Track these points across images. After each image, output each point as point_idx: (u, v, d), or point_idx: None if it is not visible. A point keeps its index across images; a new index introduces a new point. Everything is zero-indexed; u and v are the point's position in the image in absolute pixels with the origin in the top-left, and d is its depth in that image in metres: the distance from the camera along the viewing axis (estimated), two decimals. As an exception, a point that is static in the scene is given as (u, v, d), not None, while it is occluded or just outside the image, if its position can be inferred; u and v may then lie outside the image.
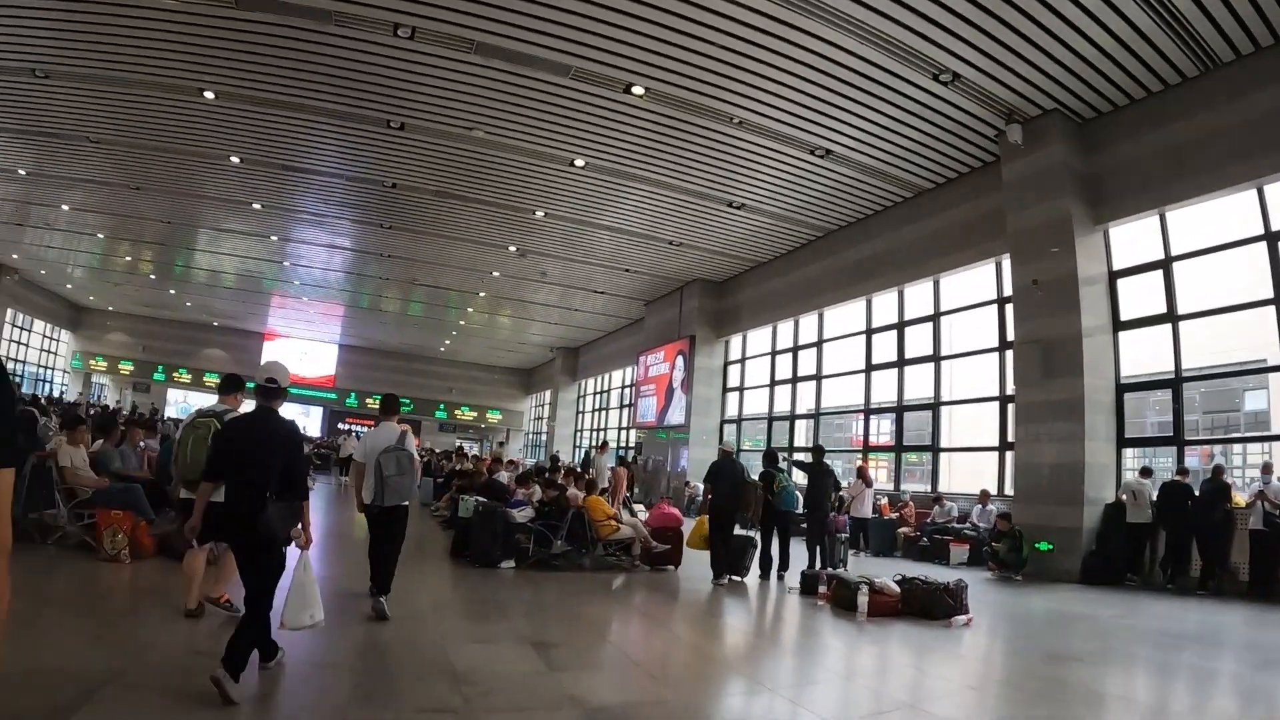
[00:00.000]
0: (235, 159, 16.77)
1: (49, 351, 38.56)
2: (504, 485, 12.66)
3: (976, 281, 15.02)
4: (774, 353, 20.94)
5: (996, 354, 14.10)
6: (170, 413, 36.15)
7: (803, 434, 19.72)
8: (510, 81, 12.37)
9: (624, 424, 30.96)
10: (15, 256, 29.95)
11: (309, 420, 41.51)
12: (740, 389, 22.35)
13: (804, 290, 19.17)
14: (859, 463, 15.70)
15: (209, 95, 13.78)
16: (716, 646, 6.84)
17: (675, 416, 23.02)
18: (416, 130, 14.42)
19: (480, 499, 11.08)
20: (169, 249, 26.69)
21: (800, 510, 11.26)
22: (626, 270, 22.40)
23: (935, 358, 15.49)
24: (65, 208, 22.18)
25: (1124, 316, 11.97)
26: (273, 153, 16.31)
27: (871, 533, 14.30)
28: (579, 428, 37.20)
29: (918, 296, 16.26)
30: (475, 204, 18.02)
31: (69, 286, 35.65)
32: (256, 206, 20.00)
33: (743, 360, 22.45)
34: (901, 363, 16.36)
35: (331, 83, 13.01)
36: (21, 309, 34.79)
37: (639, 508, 13.38)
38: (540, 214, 18.19)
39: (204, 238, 24.64)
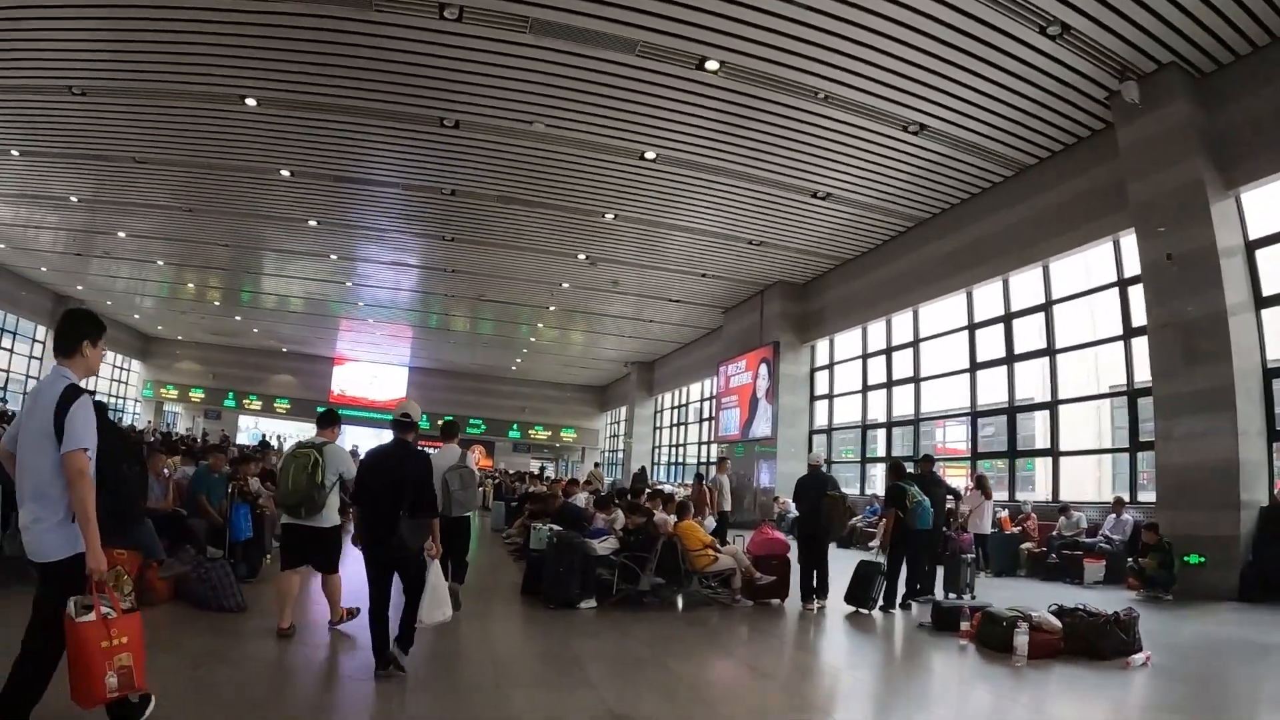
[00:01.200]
0: (285, 172, 16.63)
1: (120, 381, 39.83)
2: (581, 510, 11.73)
3: (1088, 265, 13.87)
4: (865, 356, 19.93)
5: (1121, 342, 12.86)
6: (241, 439, 36.52)
7: (898, 443, 18.66)
8: (570, 64, 11.71)
9: (704, 438, 30.15)
10: (80, 288, 30.77)
11: (380, 442, 41.33)
12: (829, 396, 21.38)
13: (895, 286, 18.15)
14: (977, 471, 14.62)
15: (251, 102, 13.56)
16: (856, 716, 5.65)
17: (760, 428, 22.13)
18: (472, 128, 13.91)
19: (555, 527, 10.31)
20: (233, 274, 27.21)
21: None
22: (703, 275, 21.65)
23: (1049, 351, 14.31)
24: (122, 235, 22.52)
25: (1265, 292, 10.67)
26: (323, 163, 16.08)
27: (992, 550, 13.10)
28: (657, 444, 36.57)
29: (1025, 285, 15.07)
30: (540, 208, 17.50)
31: (136, 317, 36.87)
32: (313, 224, 19.95)
33: (830, 366, 21.48)
34: (1011, 359, 15.20)
35: (377, 79, 12.54)
36: None
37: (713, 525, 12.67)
38: (610, 216, 17.60)
39: (267, 261, 25.00)
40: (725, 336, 25.78)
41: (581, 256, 20.68)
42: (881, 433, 19.22)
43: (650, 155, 14.43)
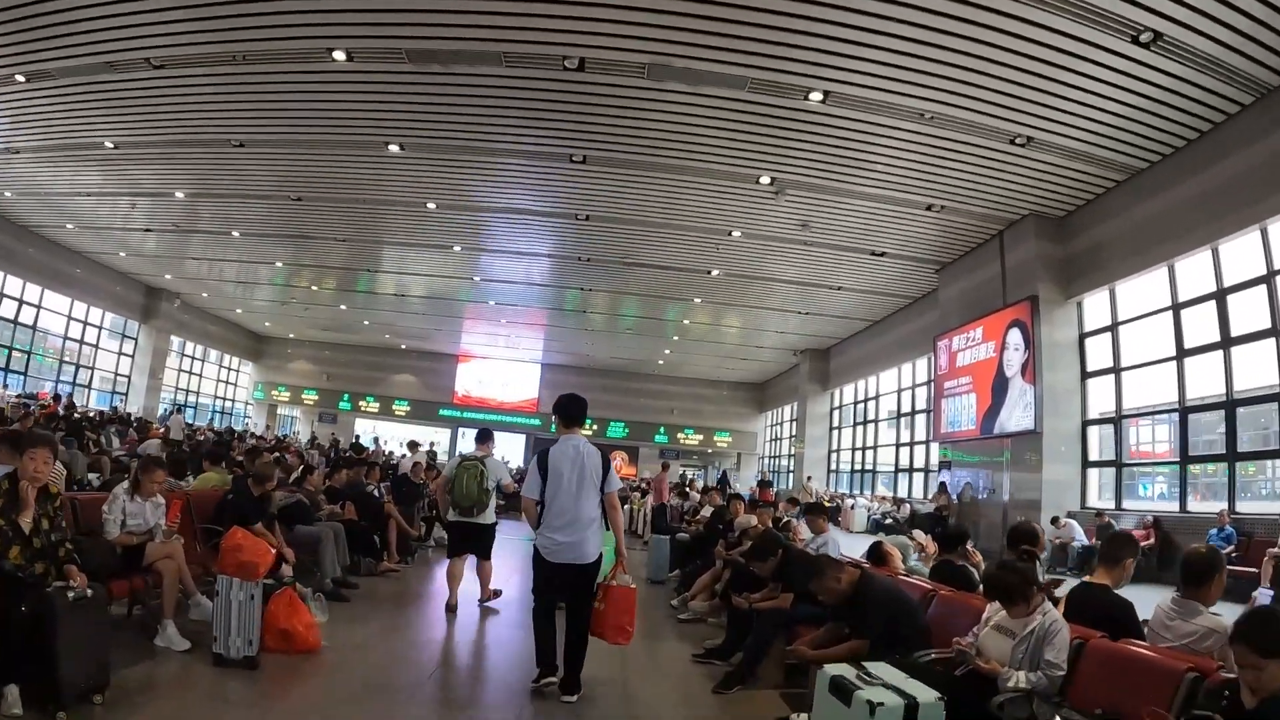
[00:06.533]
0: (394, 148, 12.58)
1: (228, 383, 39.06)
2: (903, 595, 5.44)
3: None
4: (1176, 306, 14.08)
5: None
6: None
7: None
8: None
9: (904, 439, 24.80)
10: (168, 277, 28.94)
11: (511, 449, 37.69)
12: (1114, 370, 15.54)
13: (1224, 199, 12.40)
14: None
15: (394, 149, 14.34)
16: None
17: (1017, 419, 16.34)
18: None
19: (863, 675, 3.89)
20: (348, 253, 24.51)
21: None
22: (927, 208, 16.12)
23: None
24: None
25: None
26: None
27: None
28: (834, 447, 31.21)
29: None
30: (711, 90, 12.19)
31: (239, 311, 34.89)
32: (394, 148, 15.54)
33: (1113, 327, 15.60)
34: None
35: None
36: (190, 337, 34.59)
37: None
38: (817, 96, 12.12)
39: (384, 239, 22.44)
40: (942, 301, 20.18)
41: (764, 179, 15.30)
42: (1215, 415, 13.48)
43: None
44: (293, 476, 10.79)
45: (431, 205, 18.71)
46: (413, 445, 21.23)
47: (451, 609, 8.30)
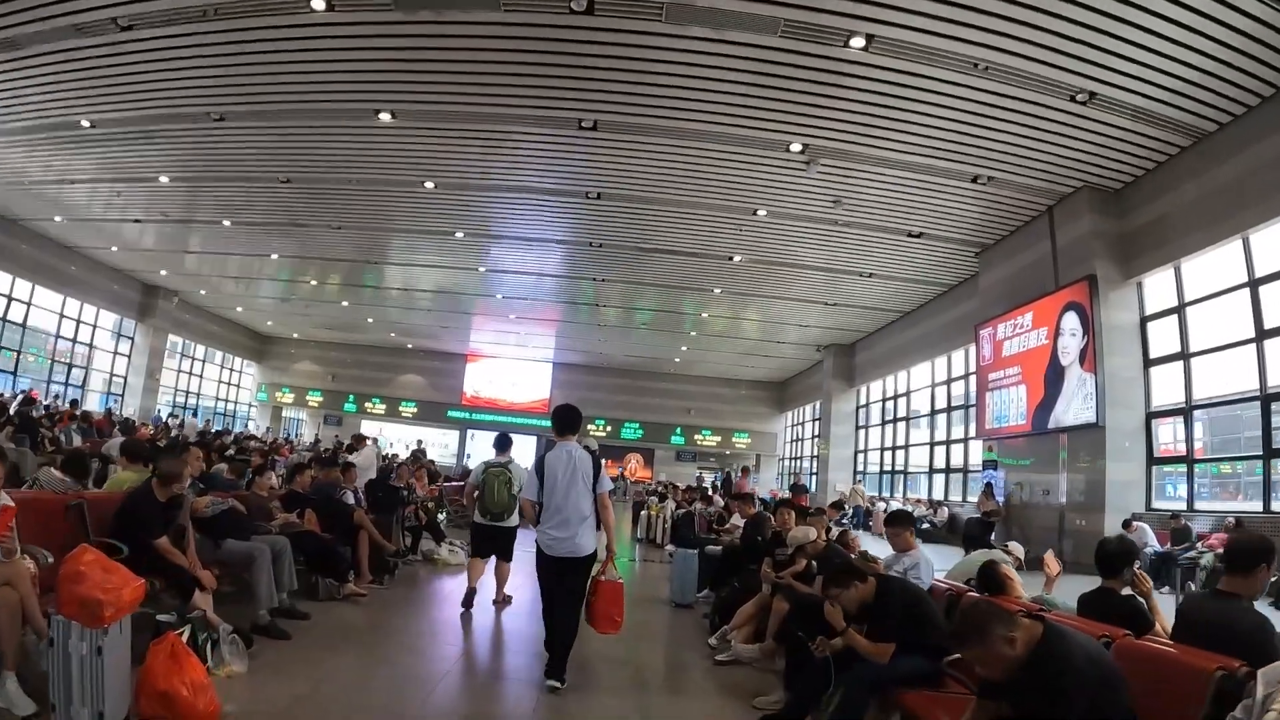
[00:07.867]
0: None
1: (229, 384, 38.13)
2: (1104, 660, 3.24)
3: None
4: (1254, 282, 12.60)
5: None
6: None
7: None
8: None
9: (938, 436, 23.42)
10: (164, 273, 27.92)
11: (521, 451, 36.50)
12: (1182, 356, 14.04)
13: None
14: None
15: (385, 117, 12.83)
16: None
17: (1075, 412, 14.86)
18: None
19: None
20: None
21: None
22: (973, 179, 14.70)
23: None
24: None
25: None
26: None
27: None
28: (862, 447, 29.79)
29: None
30: (737, 37, 10.87)
31: (239, 309, 33.94)
32: (384, 116, 14.34)
33: (1179, 309, 14.11)
34: None
35: None
36: (190, 336, 33.79)
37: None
38: (858, 41, 10.65)
39: (382, 225, 21.28)
40: (983, 288, 18.71)
41: (795, 146, 13.89)
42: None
43: None
44: (245, 478, 9.26)
45: (430, 184, 17.34)
46: (358, 439, 18.77)
47: (468, 604, 8.60)
